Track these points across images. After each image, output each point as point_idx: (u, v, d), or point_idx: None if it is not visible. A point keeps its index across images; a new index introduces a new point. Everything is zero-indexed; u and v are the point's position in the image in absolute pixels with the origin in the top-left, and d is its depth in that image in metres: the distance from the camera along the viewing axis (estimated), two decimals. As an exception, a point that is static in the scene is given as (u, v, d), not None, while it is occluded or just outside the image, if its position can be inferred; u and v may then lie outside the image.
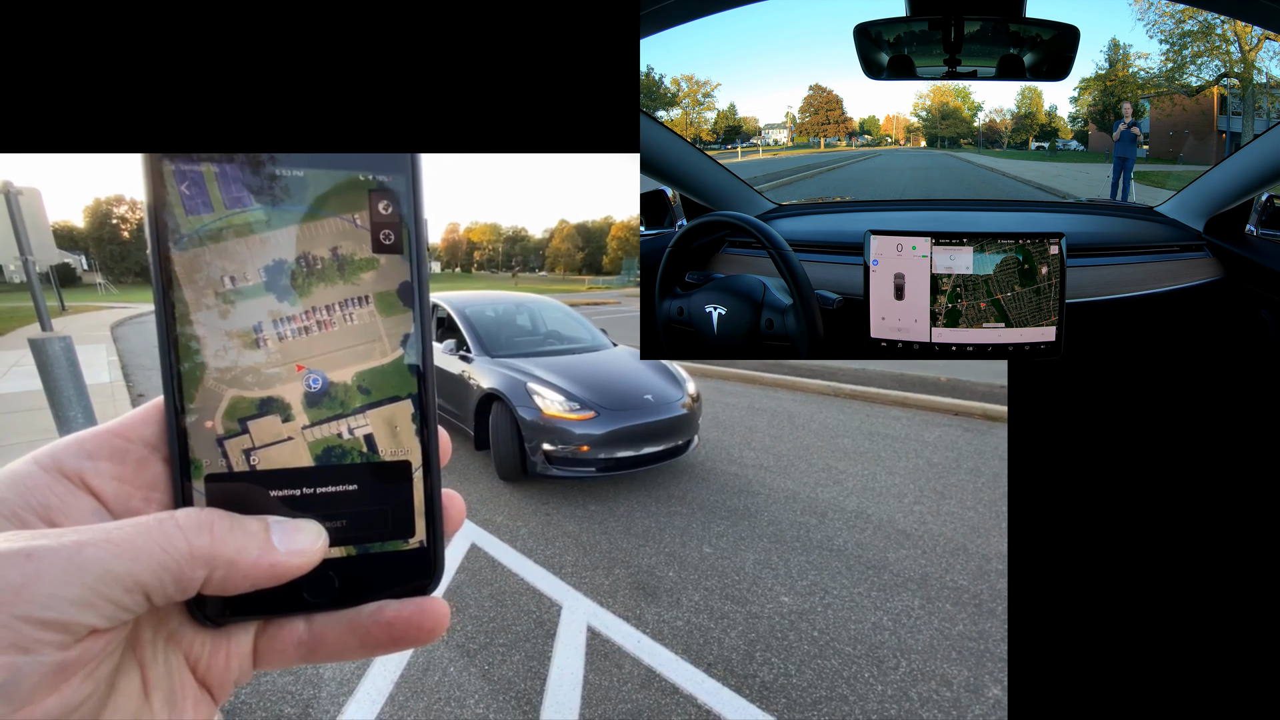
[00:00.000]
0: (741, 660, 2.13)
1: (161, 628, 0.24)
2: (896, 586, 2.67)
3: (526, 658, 2.17)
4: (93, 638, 0.20)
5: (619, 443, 3.73)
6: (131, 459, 0.24)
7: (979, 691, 1.94)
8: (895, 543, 3.11)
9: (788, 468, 4.35)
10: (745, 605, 2.52)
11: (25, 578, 0.18)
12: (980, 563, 2.93)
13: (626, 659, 2.13)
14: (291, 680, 2.02)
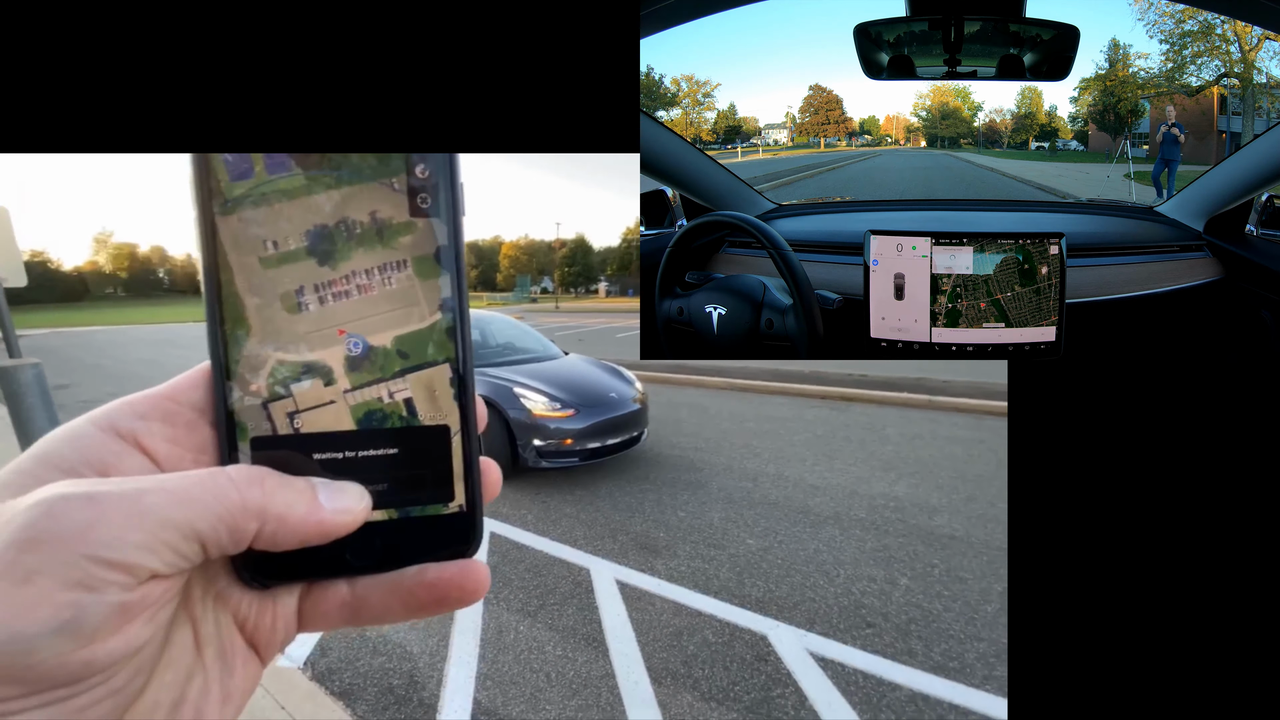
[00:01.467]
0: (736, 585, 2.94)
1: (211, 587, 0.25)
2: (820, 523, 3.69)
3: (579, 609, 2.76)
4: (153, 582, 0.20)
5: (594, 435, 4.34)
6: (181, 421, 0.25)
7: (894, 583, 2.94)
8: (810, 494, 4.19)
9: (716, 448, 5.35)
10: (724, 549, 3.35)
11: (90, 519, 0.19)
12: (870, 500, 4.03)
13: (655, 598, 2.84)
14: (385, 659, 2.37)
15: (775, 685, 2.18)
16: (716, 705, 2.09)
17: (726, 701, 2.10)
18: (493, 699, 2.17)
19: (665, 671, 2.28)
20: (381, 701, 2.15)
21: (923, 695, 2.10)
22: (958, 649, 2.37)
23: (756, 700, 2.10)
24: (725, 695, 2.13)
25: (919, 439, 5.51)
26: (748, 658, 2.35)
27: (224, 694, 0.24)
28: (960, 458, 4.91)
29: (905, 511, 3.82)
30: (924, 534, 3.47)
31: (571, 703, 2.14)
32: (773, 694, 2.13)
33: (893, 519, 3.70)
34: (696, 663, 2.33)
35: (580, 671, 2.31)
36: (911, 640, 2.44)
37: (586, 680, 2.26)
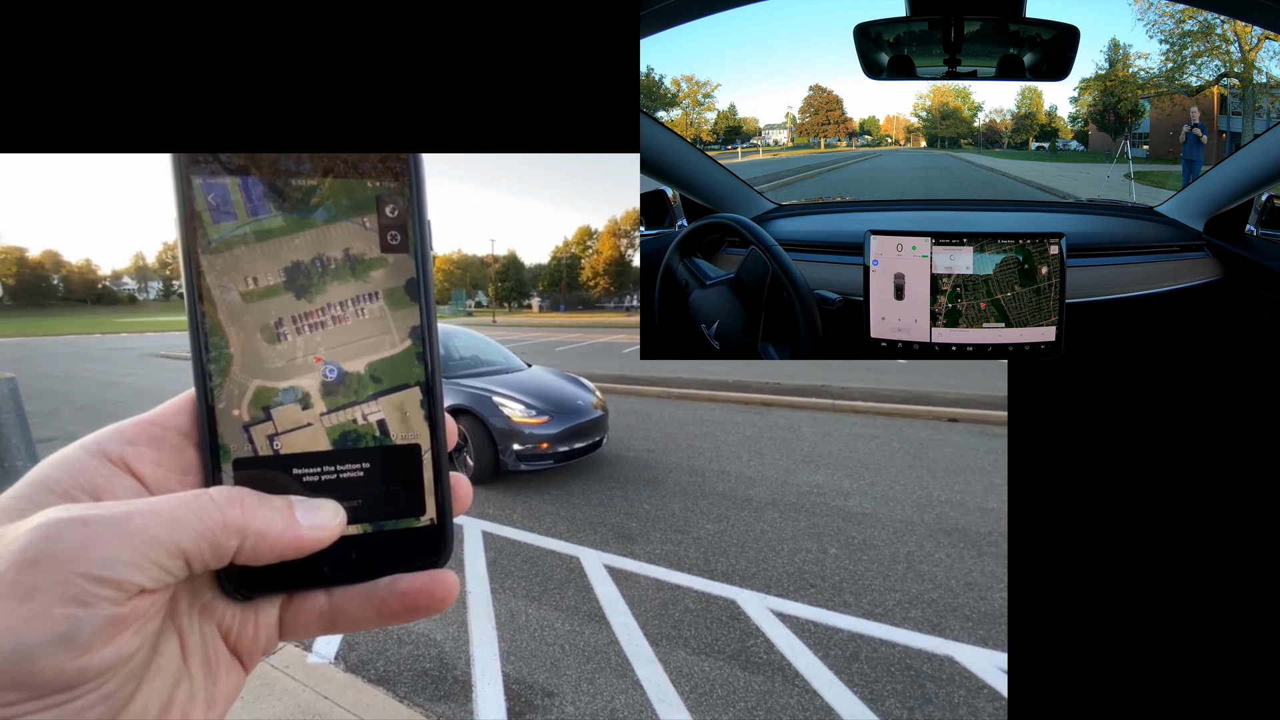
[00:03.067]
0: (705, 563, 3.52)
1: (196, 600, 0.26)
2: (762, 509, 4.41)
3: (577, 591, 3.20)
4: (142, 596, 0.22)
5: (566, 439, 4.81)
6: (168, 445, 0.27)
7: (825, 552, 3.64)
8: (748, 484, 4.94)
9: (665, 449, 6.14)
10: (689, 533, 3.96)
11: (84, 541, 0.21)
12: (800, 488, 4.82)
13: (639, 577, 3.35)
14: (413, 647, 2.68)
15: (748, 638, 2.75)
16: (705, 657, 2.59)
17: (712, 654, 2.62)
18: (519, 670, 2.49)
19: (660, 635, 2.76)
20: (419, 683, 2.40)
21: (860, 634, 2.77)
22: (880, 599, 3.09)
23: (736, 650, 2.64)
24: (710, 649, 2.65)
25: (829, 436, 6.50)
26: (723, 618, 2.91)
27: (209, 700, 0.26)
28: (863, 450, 5.91)
29: (826, 495, 4.64)
30: (843, 513, 4.27)
31: (587, 666, 2.53)
32: (748, 644, 2.69)
33: (818, 502, 4.49)
34: (683, 625, 2.84)
35: (589, 641, 2.72)
36: (845, 594, 3.14)
37: (596, 648, 2.67)
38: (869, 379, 9.41)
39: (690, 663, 2.53)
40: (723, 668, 2.49)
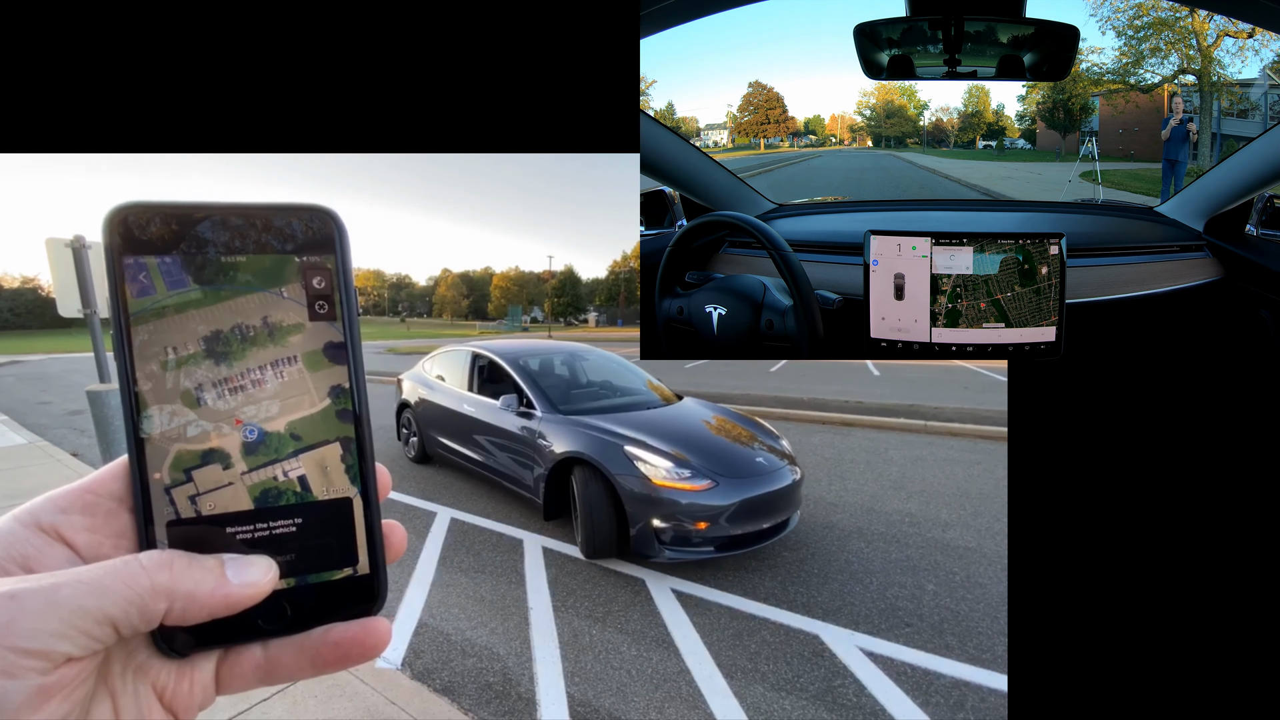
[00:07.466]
0: (783, 593, 3.26)
1: (130, 661, 0.27)
2: (846, 537, 4.00)
3: (642, 615, 3.08)
4: (69, 665, 0.23)
5: (739, 518, 3.10)
6: (101, 511, 0.28)
7: (922, 587, 3.25)
8: (829, 510, 4.52)
9: None
10: (764, 560, 3.68)
11: (11, 615, 0.21)
12: (889, 516, 4.33)
13: (710, 604, 3.13)
14: (476, 660, 2.64)
15: (835, 677, 2.48)
16: (786, 694, 2.35)
17: (794, 691, 2.37)
18: (584, 692, 2.39)
19: (734, 667, 2.54)
20: (483, 696, 2.38)
21: (965, 681, 2.44)
22: (988, 643, 2.69)
23: (820, 689, 2.39)
24: (792, 686, 2.41)
25: (921, 461, 5.77)
26: (805, 654, 2.64)
27: None
28: (961, 477, 5.23)
29: (920, 526, 4.08)
30: (941, 546, 3.75)
31: (656, 694, 2.37)
32: (834, 684, 2.43)
33: (910, 533, 3.96)
34: (760, 658, 2.60)
35: (657, 669, 2.54)
36: (946, 636, 2.75)
37: (665, 675, 2.49)
38: (965, 398, 8.53)
39: (769, 699, 2.32)
40: (806, 707, 2.26)
